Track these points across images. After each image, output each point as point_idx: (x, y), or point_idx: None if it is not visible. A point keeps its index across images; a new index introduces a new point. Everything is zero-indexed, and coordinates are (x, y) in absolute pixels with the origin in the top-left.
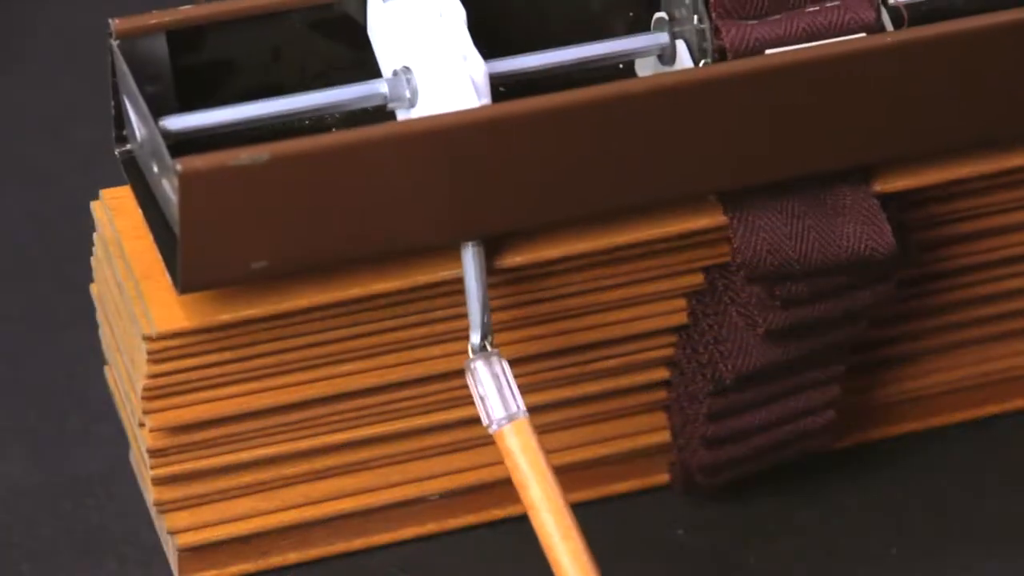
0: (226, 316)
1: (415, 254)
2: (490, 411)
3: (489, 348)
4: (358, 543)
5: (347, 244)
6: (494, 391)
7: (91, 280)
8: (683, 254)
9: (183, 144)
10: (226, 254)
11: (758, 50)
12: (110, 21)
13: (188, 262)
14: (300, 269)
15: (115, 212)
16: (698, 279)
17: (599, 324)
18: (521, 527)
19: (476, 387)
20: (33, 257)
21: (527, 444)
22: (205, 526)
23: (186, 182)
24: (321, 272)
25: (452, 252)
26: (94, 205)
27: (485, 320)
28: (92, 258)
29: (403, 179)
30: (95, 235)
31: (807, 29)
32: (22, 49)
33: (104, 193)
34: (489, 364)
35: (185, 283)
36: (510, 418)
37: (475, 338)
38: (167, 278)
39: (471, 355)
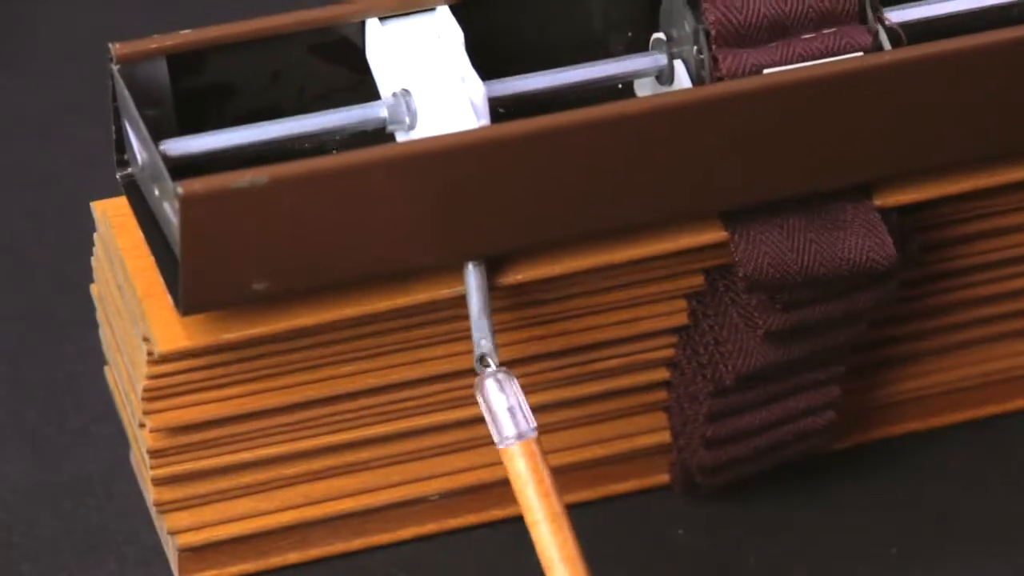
0: (229, 335)
1: (416, 274)
2: (500, 429)
3: (494, 366)
4: (358, 543)
5: (347, 265)
6: (504, 410)
7: (91, 280)
8: (684, 256)
9: (184, 167)
10: (227, 276)
11: (754, 75)
12: (110, 46)
13: (190, 284)
14: (301, 290)
15: (116, 230)
16: (699, 280)
17: (599, 325)
18: (521, 527)
19: (486, 405)
20: (33, 257)
21: (534, 464)
22: (205, 526)
23: (187, 205)
24: (320, 289)
25: (454, 268)
26: (94, 205)
27: (489, 339)
28: (92, 258)
29: (403, 201)
30: (95, 235)
31: (803, 55)
32: (22, 49)
33: (106, 208)
34: (499, 382)
35: (187, 305)
36: (519, 437)
37: (479, 356)
38: (169, 297)
39: (481, 372)
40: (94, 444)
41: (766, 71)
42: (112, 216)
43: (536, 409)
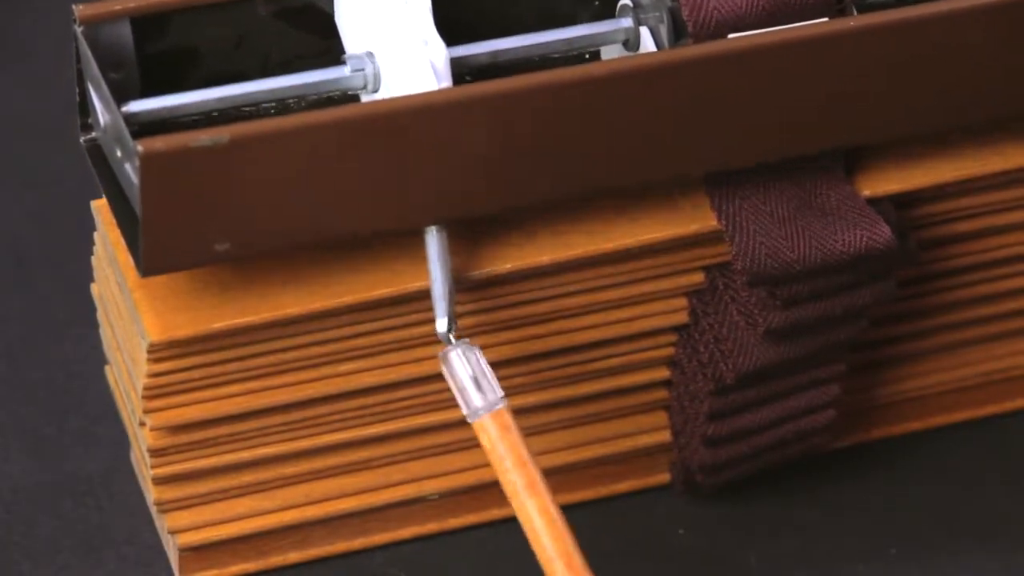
0: (219, 324)
1: (378, 238)
2: (468, 402)
3: (454, 336)
4: (358, 543)
5: (308, 227)
6: (470, 381)
7: (91, 280)
8: (683, 253)
9: (147, 132)
10: (188, 236)
11: (720, 29)
12: (74, 7)
13: (150, 244)
14: (263, 251)
15: (109, 226)
16: (698, 278)
17: (599, 323)
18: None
19: (452, 378)
20: (33, 257)
21: (507, 432)
22: (206, 526)
23: (147, 164)
24: (311, 279)
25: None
26: (94, 205)
27: (449, 306)
28: (92, 258)
29: (362, 162)
30: (95, 235)
31: (769, 9)
32: (22, 49)
33: (101, 206)
34: (463, 354)
35: (148, 266)
36: (488, 407)
37: (440, 326)
38: (160, 287)
39: (445, 344)
40: (94, 444)
41: (732, 35)
42: (105, 213)
43: (536, 408)
